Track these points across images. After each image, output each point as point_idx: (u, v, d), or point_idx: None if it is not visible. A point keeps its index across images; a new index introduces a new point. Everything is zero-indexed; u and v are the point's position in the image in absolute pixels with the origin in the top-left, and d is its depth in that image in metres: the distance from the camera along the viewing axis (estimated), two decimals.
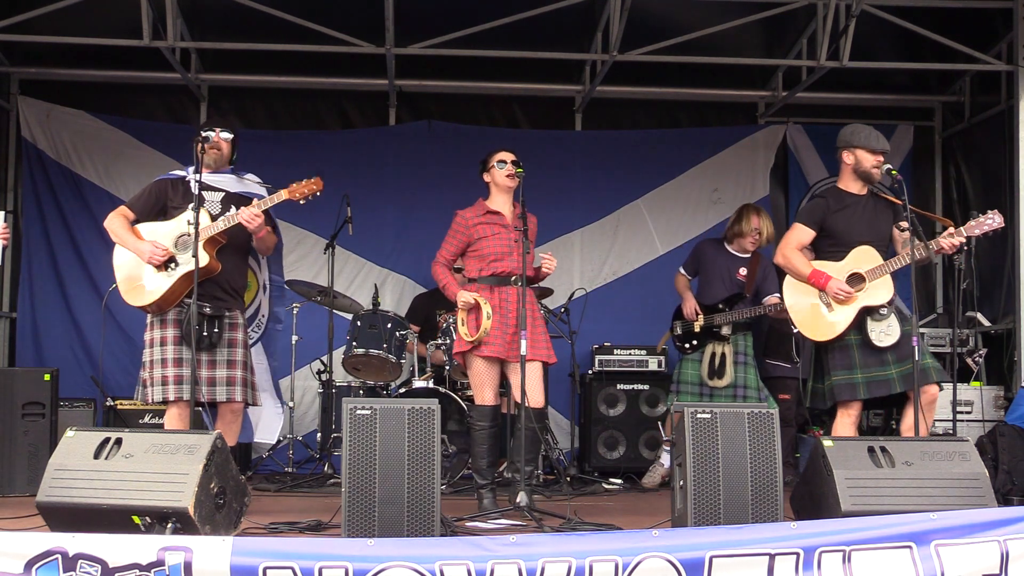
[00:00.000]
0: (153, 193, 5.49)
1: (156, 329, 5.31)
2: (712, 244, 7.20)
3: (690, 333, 6.92)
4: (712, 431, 4.42)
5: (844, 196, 5.46)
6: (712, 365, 6.84)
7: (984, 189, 8.04)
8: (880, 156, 5.38)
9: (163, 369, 5.24)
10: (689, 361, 6.94)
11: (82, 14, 7.07)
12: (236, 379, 5.33)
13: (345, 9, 7.33)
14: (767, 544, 3.74)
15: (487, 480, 5.61)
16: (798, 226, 5.51)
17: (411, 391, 6.85)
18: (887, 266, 5.24)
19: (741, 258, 7.04)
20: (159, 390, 5.22)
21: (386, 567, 3.57)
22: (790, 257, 5.43)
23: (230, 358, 5.34)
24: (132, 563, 3.59)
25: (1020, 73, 7.15)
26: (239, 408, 5.41)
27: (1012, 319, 7.29)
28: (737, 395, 6.82)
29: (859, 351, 5.27)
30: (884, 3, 7.07)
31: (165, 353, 5.25)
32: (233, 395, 5.31)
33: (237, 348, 5.36)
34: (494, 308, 5.56)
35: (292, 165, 7.84)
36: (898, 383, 5.23)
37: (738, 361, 6.87)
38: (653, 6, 7.28)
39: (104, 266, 7.94)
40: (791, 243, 5.47)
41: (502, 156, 5.79)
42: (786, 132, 8.60)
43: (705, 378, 6.82)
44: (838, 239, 5.39)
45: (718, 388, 6.80)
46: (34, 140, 8.07)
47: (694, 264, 7.16)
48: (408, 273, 8.28)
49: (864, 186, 5.46)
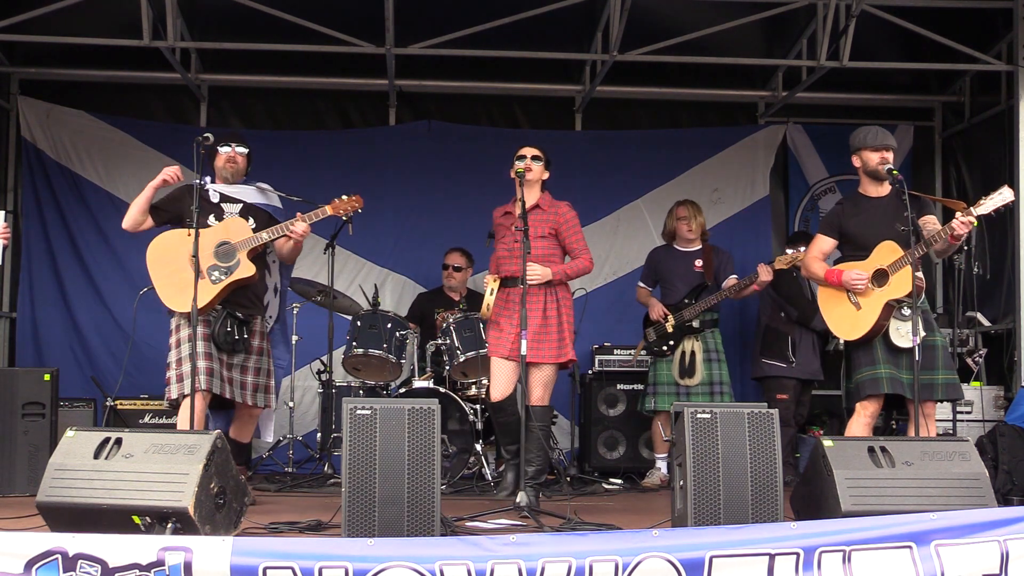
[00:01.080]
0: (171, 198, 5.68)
1: (185, 329, 5.44)
2: (660, 249, 7.33)
3: (664, 336, 6.98)
4: (712, 431, 4.42)
5: (861, 200, 5.52)
6: (683, 364, 6.89)
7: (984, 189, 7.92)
8: (882, 152, 5.40)
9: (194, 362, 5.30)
10: (663, 362, 7.00)
11: (82, 14, 7.07)
12: (247, 384, 5.65)
13: (345, 9, 7.33)
14: (767, 544, 3.74)
15: (509, 459, 5.72)
16: (818, 236, 5.65)
17: (411, 391, 6.85)
18: (907, 256, 5.22)
19: (692, 252, 7.12)
20: (189, 383, 5.26)
21: (386, 567, 3.57)
22: (809, 265, 5.58)
23: (246, 364, 5.66)
24: (132, 563, 3.59)
25: (1020, 73, 7.15)
26: (256, 411, 5.77)
27: (1012, 319, 7.29)
28: (714, 391, 6.88)
29: (881, 347, 5.30)
30: (884, 3, 7.07)
31: (197, 348, 5.34)
32: (244, 398, 5.62)
33: (261, 356, 5.73)
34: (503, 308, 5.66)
35: (292, 165, 7.89)
36: (908, 388, 5.24)
37: (711, 358, 6.94)
38: (653, 6, 7.28)
39: (104, 265, 8.02)
40: (811, 252, 5.63)
41: (521, 150, 5.79)
42: (786, 132, 8.60)
43: (677, 378, 6.88)
44: (858, 243, 5.44)
45: (692, 387, 6.85)
46: (34, 140, 8.07)
47: (651, 274, 7.27)
48: (408, 273, 8.28)
49: (882, 186, 5.47)
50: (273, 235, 5.58)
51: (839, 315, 5.42)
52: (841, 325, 5.41)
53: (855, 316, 5.35)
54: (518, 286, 5.54)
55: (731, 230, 8.28)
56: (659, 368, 7.01)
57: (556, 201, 5.82)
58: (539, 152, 5.81)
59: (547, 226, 5.70)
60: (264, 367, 5.76)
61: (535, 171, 5.74)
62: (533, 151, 5.78)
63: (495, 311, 5.78)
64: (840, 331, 5.44)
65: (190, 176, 5.54)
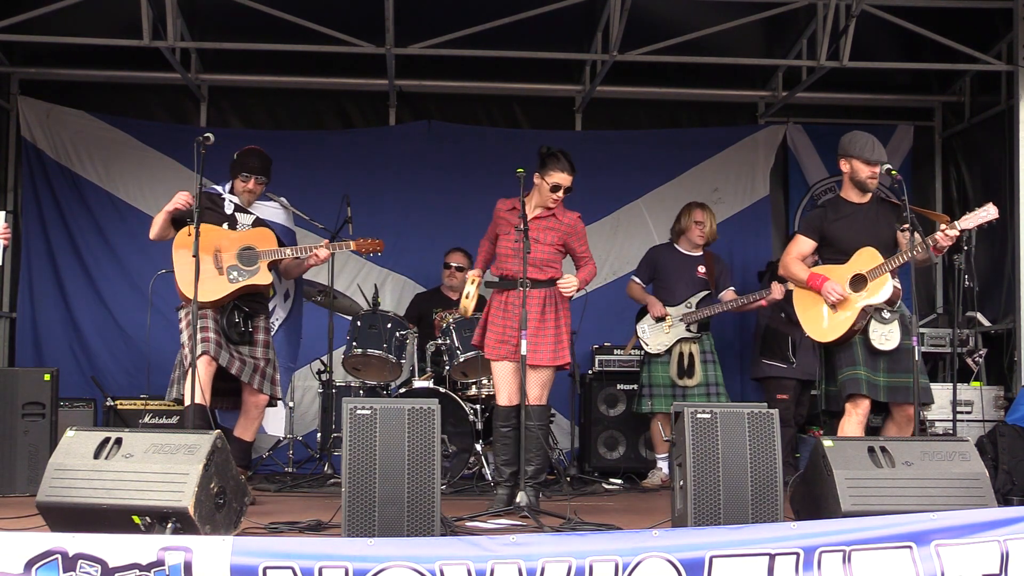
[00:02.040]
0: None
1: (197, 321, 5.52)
2: (663, 248, 7.29)
3: (659, 336, 6.97)
4: (712, 431, 4.42)
5: (843, 205, 5.53)
6: (681, 365, 6.88)
7: (984, 189, 8.03)
8: (875, 167, 5.41)
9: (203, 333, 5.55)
10: (657, 363, 6.99)
11: (82, 14, 7.07)
12: (257, 368, 5.82)
13: (345, 9, 7.33)
14: (767, 544, 3.74)
15: (502, 478, 5.63)
16: (798, 236, 5.64)
17: (411, 391, 6.85)
18: (886, 264, 5.26)
19: (695, 257, 7.12)
20: (200, 346, 5.48)
21: (386, 567, 3.57)
22: (789, 266, 5.56)
23: (256, 354, 5.84)
24: (132, 563, 3.59)
25: (1020, 73, 7.15)
26: (263, 403, 5.88)
27: (1012, 319, 7.29)
28: (710, 393, 6.89)
29: (861, 349, 5.31)
30: (884, 3, 7.07)
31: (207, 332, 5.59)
32: (252, 381, 5.75)
33: (267, 348, 5.90)
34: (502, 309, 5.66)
35: (292, 165, 7.89)
36: (883, 392, 5.27)
37: (706, 360, 6.96)
38: (653, 6, 7.28)
39: (104, 265, 8.02)
40: (791, 253, 5.61)
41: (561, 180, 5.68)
42: (786, 132, 8.60)
43: (675, 379, 6.87)
44: (839, 247, 5.45)
45: (689, 387, 6.85)
46: (34, 140, 8.06)
47: (648, 270, 7.22)
48: (408, 273, 8.28)
49: (866, 195, 5.49)
50: (297, 254, 5.90)
51: (813, 316, 5.43)
52: (815, 326, 5.42)
53: (830, 318, 5.36)
54: (518, 288, 5.54)
55: (731, 230, 8.27)
56: (653, 369, 7.01)
57: (568, 211, 5.78)
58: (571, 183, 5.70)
59: (555, 234, 5.68)
60: (271, 359, 5.93)
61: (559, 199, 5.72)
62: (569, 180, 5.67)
63: (494, 313, 5.76)
64: (813, 332, 5.44)
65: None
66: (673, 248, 7.21)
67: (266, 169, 5.99)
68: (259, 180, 5.94)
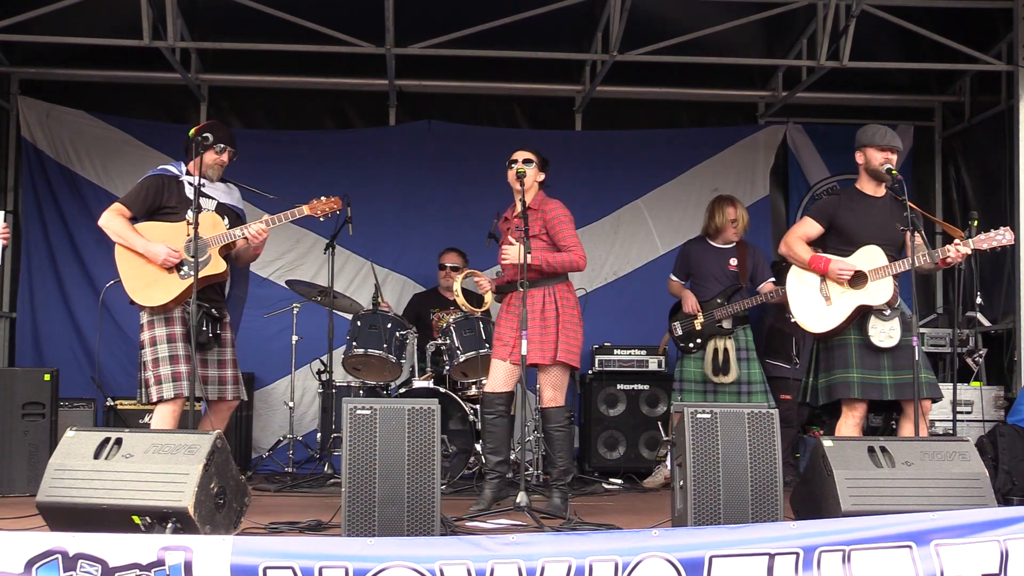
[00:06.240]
0: (151, 191, 5.50)
1: (160, 327, 5.32)
2: (696, 243, 7.17)
3: (691, 332, 6.91)
4: (712, 431, 4.42)
5: (858, 196, 5.48)
6: (716, 362, 6.78)
7: (984, 189, 8.04)
8: (887, 152, 5.37)
9: (174, 366, 5.25)
10: (691, 359, 6.89)
11: (82, 14, 7.07)
12: (227, 378, 5.48)
13: (345, 9, 7.33)
14: (767, 544, 3.74)
15: (489, 470, 5.59)
16: (806, 219, 5.57)
17: (411, 391, 6.85)
18: (891, 268, 5.24)
19: (728, 249, 7.02)
20: (171, 387, 5.20)
21: (386, 567, 3.57)
22: (792, 245, 5.48)
23: (221, 357, 5.48)
24: (132, 563, 3.59)
25: (1020, 73, 7.16)
26: (235, 406, 5.59)
27: (1012, 319, 7.29)
28: (741, 391, 6.79)
29: (857, 350, 5.28)
30: (884, 3, 7.07)
31: (175, 350, 5.28)
32: (224, 394, 5.45)
33: (227, 348, 5.51)
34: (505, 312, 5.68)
35: (292, 165, 7.90)
36: (889, 390, 5.24)
37: (741, 357, 6.84)
38: (653, 6, 7.28)
39: (104, 265, 7.98)
40: (795, 233, 5.53)
41: (513, 155, 5.74)
42: (786, 132, 8.60)
43: (710, 375, 6.76)
44: (847, 237, 5.40)
45: (723, 384, 6.74)
46: (34, 140, 8.07)
47: (683, 267, 7.13)
48: (408, 273, 8.28)
49: (880, 187, 5.45)
50: (244, 233, 5.41)
51: (806, 304, 5.38)
52: (807, 315, 5.37)
53: (823, 309, 5.33)
54: (518, 288, 5.53)
55: None
56: (685, 364, 6.91)
57: (548, 199, 5.73)
58: (531, 155, 5.72)
59: (537, 225, 5.63)
60: (234, 358, 5.55)
61: (529, 175, 5.69)
62: (525, 154, 5.71)
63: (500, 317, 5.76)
64: (805, 320, 5.39)
65: None
66: (704, 242, 7.08)
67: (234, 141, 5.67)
68: (232, 152, 5.59)
